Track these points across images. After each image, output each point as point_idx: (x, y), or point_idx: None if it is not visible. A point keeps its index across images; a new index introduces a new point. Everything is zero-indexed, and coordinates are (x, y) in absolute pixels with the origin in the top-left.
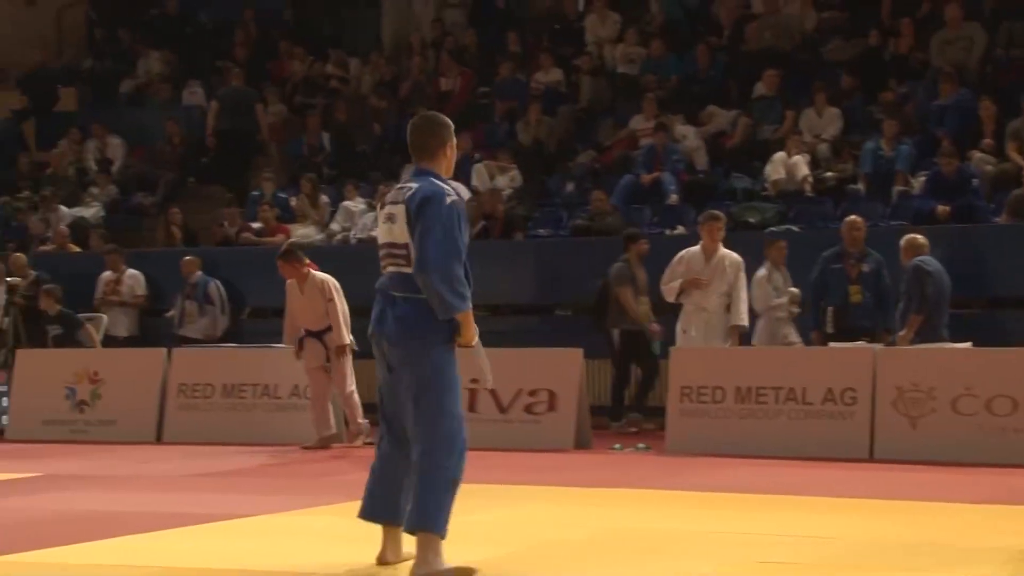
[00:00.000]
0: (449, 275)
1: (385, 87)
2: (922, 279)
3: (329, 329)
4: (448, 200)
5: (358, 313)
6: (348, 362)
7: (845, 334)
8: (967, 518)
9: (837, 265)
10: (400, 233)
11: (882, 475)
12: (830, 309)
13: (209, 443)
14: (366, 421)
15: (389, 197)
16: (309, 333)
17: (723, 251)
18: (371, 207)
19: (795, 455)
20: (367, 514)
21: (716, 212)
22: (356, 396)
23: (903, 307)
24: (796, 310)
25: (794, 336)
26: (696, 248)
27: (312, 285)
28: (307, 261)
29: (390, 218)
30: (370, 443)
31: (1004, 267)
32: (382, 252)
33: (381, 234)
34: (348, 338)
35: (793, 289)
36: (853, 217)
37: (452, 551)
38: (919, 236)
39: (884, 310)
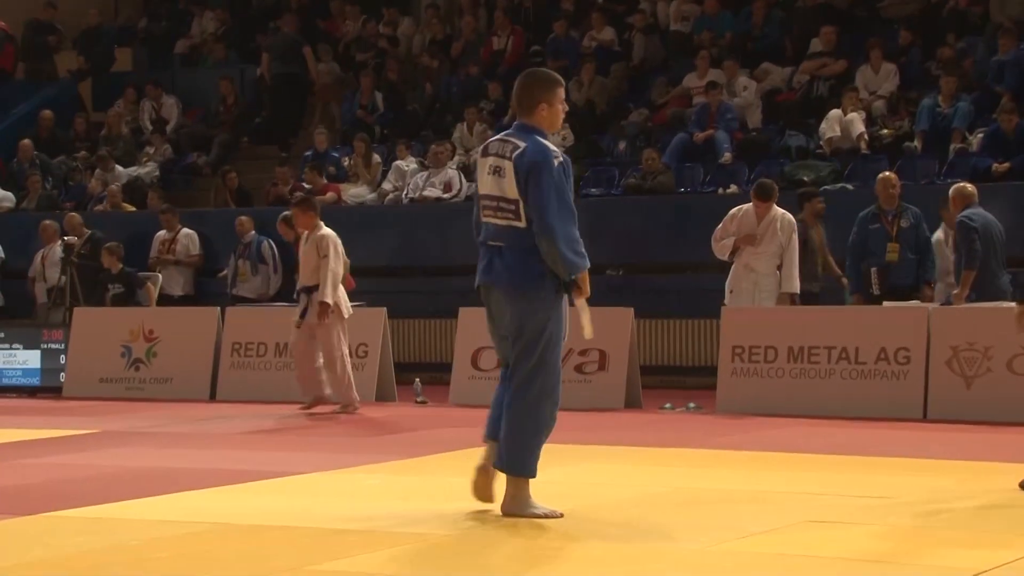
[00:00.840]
0: (569, 237)
1: (437, 46)
2: (968, 235)
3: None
4: (556, 163)
5: (417, 273)
6: (336, 326)
7: (890, 294)
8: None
9: (875, 225)
10: (510, 188)
11: (936, 435)
12: (873, 270)
13: (262, 402)
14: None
15: (493, 148)
16: (303, 288)
17: (776, 211)
18: (423, 166)
19: (847, 415)
20: (486, 435)
21: (766, 179)
22: (346, 362)
23: (955, 264)
24: None
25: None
26: (749, 205)
27: (314, 238)
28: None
29: (497, 171)
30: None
31: None
32: (485, 203)
33: (486, 185)
34: (332, 299)
35: None
36: (886, 174)
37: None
38: (968, 185)
39: (924, 264)
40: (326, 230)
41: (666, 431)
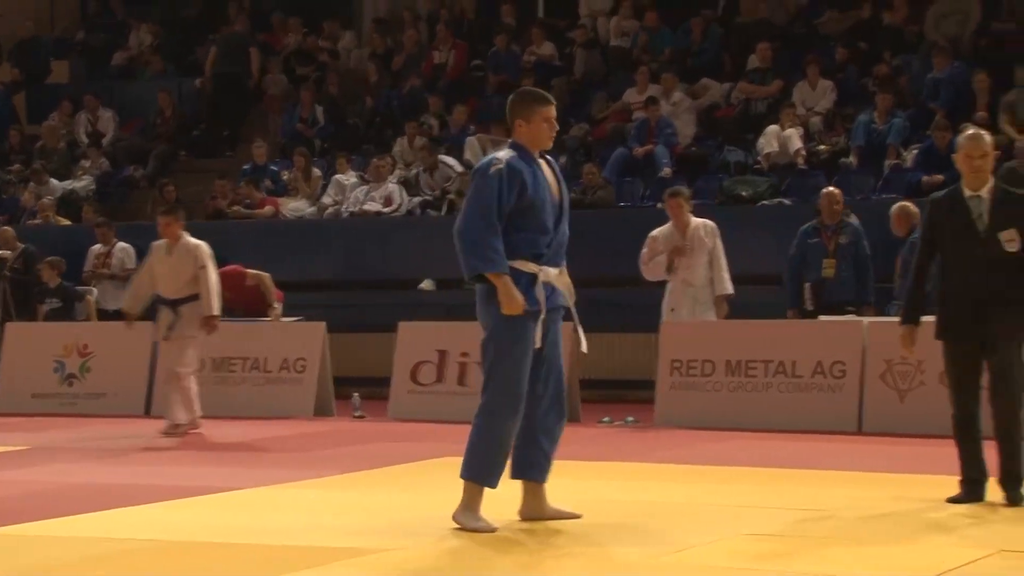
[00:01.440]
0: (476, 241)
1: (378, 60)
2: None
3: (188, 299)
4: (494, 169)
5: (357, 287)
6: (198, 339)
7: (823, 310)
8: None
9: (815, 239)
10: None
11: (870, 448)
12: (808, 285)
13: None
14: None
15: None
16: (163, 302)
17: (696, 221)
18: (363, 180)
19: (784, 428)
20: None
21: (676, 188)
22: (192, 381)
23: (902, 282)
24: None
25: None
26: (667, 226)
27: (184, 249)
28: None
29: None
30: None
31: None
32: None
33: None
34: (218, 310)
35: None
36: (830, 189)
37: (441, 526)
38: (909, 204)
39: (862, 282)
40: (195, 240)
41: (604, 445)
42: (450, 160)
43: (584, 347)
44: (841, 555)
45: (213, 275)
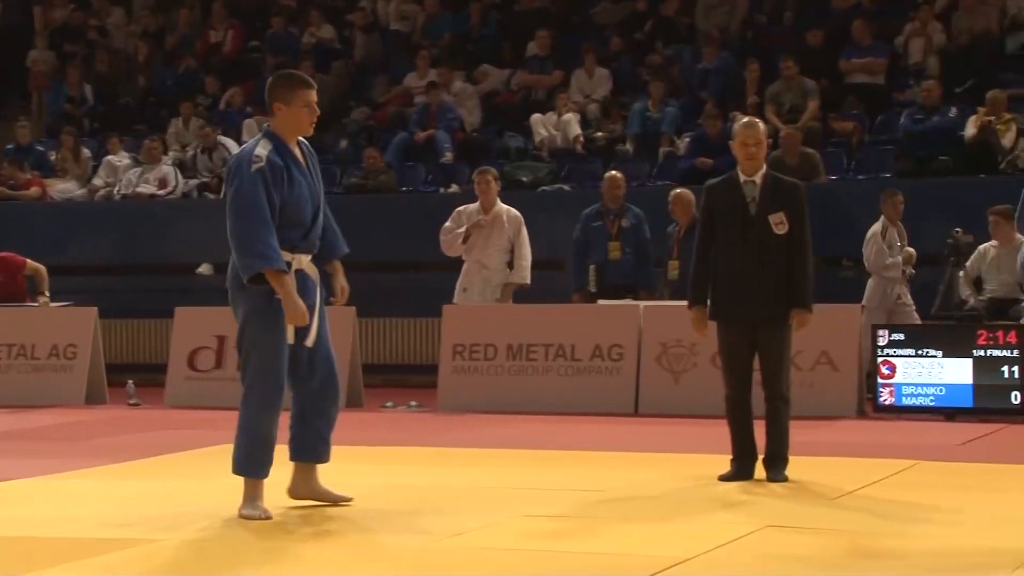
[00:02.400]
0: (248, 240)
1: (150, 38)
2: None
3: None
4: (254, 167)
5: (131, 272)
6: None
7: (607, 292)
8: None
9: (598, 223)
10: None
11: (646, 429)
12: (592, 267)
13: None
14: None
15: None
16: None
17: (501, 206)
18: (136, 162)
19: (564, 411)
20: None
21: (486, 167)
22: None
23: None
24: (911, 271)
25: (907, 298)
26: (474, 205)
27: None
28: None
29: None
30: None
31: None
32: None
33: None
34: None
35: (909, 249)
36: (613, 173)
37: (223, 511)
38: (687, 191)
39: (643, 266)
40: None
41: (387, 430)
42: (229, 142)
43: (310, 341)
44: (616, 534)
45: None
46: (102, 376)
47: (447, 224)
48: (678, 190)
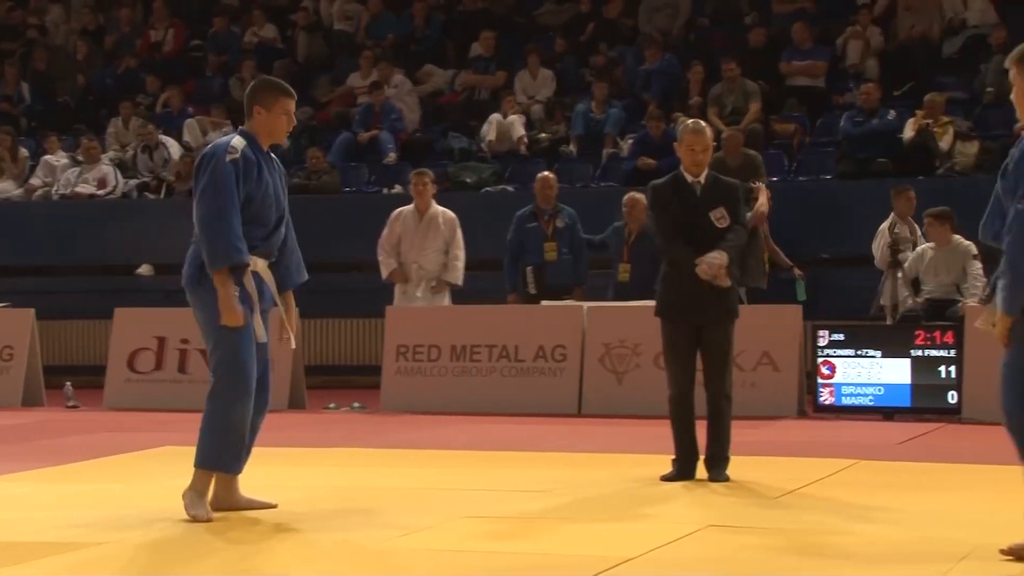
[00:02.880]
0: (219, 231)
1: (89, 37)
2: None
3: None
4: (229, 158)
5: (70, 272)
6: None
7: (547, 293)
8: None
9: (533, 224)
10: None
11: (589, 429)
12: (529, 269)
13: None
14: None
15: None
16: None
17: (436, 208)
18: (75, 161)
19: (508, 411)
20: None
21: (422, 169)
22: None
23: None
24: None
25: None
26: (410, 207)
27: None
28: None
29: None
30: None
31: None
32: None
33: None
34: None
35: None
36: (545, 174)
37: (167, 514)
38: (642, 197)
39: (579, 265)
40: None
41: (330, 431)
42: (170, 141)
43: (293, 343)
44: (559, 534)
45: None
46: (39, 378)
47: (383, 235)
48: (634, 194)
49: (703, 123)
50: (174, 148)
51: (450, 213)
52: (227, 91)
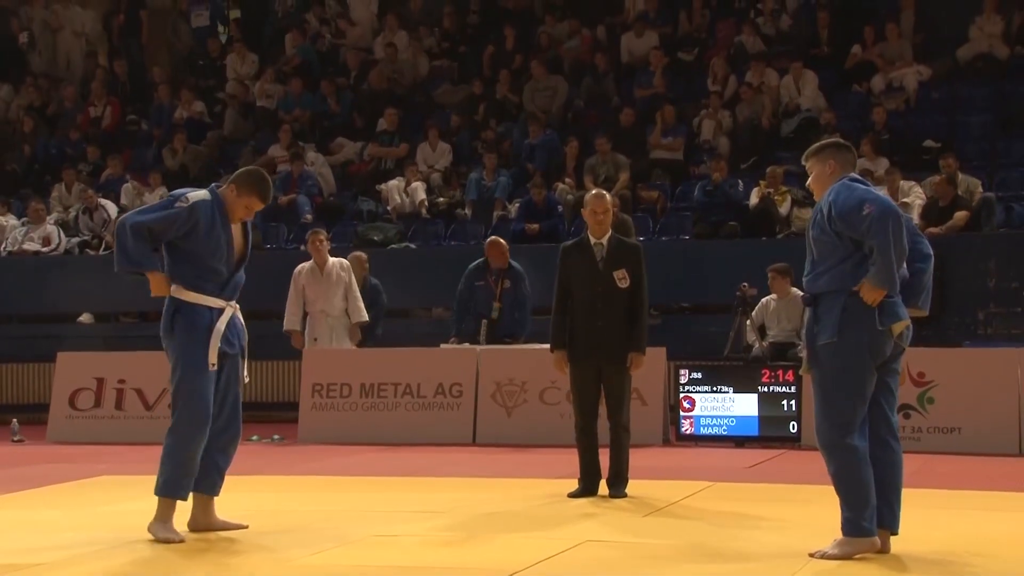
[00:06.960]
0: (122, 238)
1: (36, 111)
2: None
3: None
4: (176, 204)
5: (16, 320)
6: None
7: (493, 343)
8: (552, 490)
9: (481, 282)
10: None
11: (484, 457)
12: (484, 322)
13: None
14: None
15: None
16: None
17: (332, 261)
18: (23, 222)
19: (412, 442)
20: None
21: (316, 228)
22: None
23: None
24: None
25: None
26: (309, 263)
27: None
28: None
29: None
30: None
31: None
32: None
33: None
34: None
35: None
36: (497, 238)
37: (101, 540)
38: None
39: (520, 316)
40: None
41: (252, 460)
42: (108, 204)
43: (246, 378)
44: (452, 551)
45: None
46: None
47: (290, 294)
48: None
49: (604, 191)
50: (112, 210)
51: (345, 261)
52: (160, 159)
